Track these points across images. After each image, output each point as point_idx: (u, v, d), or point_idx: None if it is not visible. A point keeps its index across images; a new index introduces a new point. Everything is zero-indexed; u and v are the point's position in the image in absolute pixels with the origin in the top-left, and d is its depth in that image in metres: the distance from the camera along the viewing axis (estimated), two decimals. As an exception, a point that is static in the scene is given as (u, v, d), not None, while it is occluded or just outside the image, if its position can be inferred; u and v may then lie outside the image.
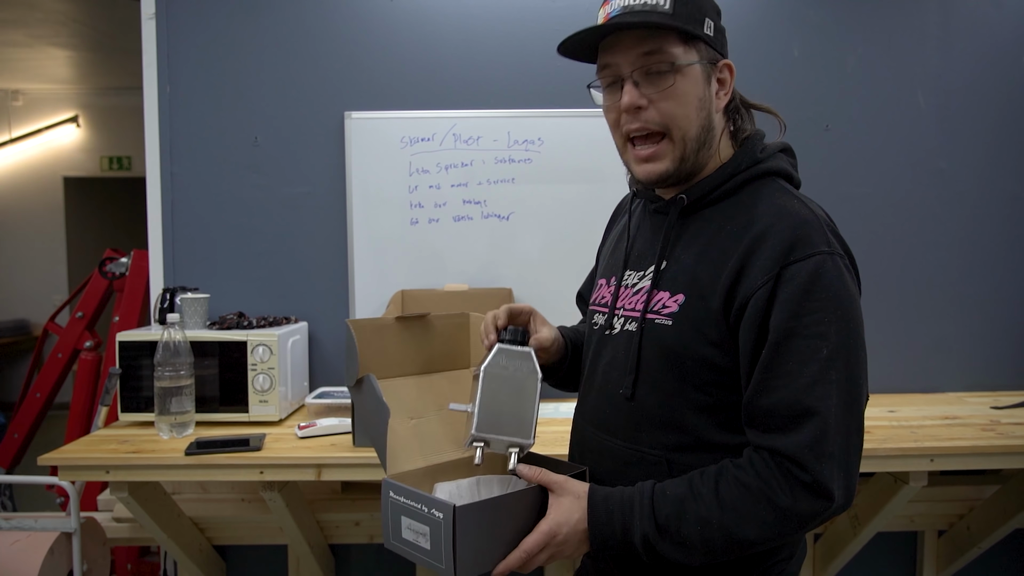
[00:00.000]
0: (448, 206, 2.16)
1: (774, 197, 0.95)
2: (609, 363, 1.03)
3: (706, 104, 0.95)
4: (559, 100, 2.12)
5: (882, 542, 2.18)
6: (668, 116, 0.94)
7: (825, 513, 0.86)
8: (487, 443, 0.94)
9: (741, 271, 0.90)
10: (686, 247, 0.98)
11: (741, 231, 0.92)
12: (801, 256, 0.87)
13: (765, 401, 0.88)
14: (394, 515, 0.93)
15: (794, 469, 0.85)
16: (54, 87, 5.87)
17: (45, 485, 2.55)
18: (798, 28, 2.16)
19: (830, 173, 2.15)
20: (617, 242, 1.14)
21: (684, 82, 0.93)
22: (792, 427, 0.86)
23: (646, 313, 0.98)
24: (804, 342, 0.86)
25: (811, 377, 0.85)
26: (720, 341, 0.92)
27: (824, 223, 0.92)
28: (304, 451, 1.64)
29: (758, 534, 0.87)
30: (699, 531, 0.87)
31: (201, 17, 2.13)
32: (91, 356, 2.68)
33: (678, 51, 0.93)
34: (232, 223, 2.16)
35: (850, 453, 0.87)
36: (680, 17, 0.92)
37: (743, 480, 0.88)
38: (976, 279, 2.21)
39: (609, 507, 0.91)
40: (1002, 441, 1.67)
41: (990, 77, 2.19)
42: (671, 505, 0.89)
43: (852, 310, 0.88)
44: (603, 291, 1.11)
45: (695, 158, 0.97)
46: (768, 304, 0.88)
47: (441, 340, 1.14)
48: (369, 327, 1.06)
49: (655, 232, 1.04)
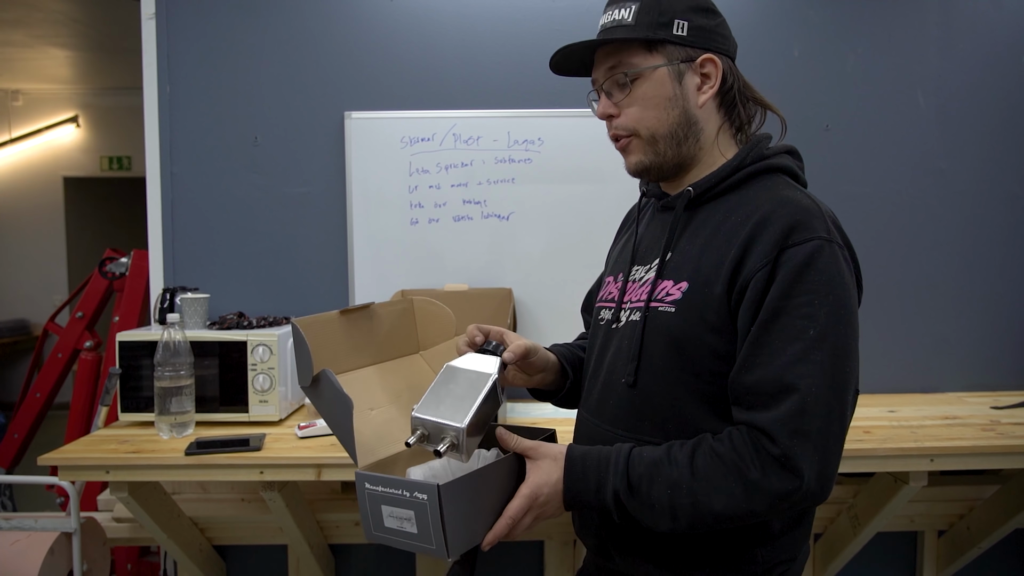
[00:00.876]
0: (448, 206, 2.16)
1: (778, 189, 0.97)
2: (615, 354, 1.05)
3: (678, 102, 1.00)
4: (559, 100, 2.12)
5: (882, 542, 2.18)
6: (634, 120, 1.01)
7: (795, 494, 0.86)
8: (427, 433, 0.94)
9: (743, 256, 0.92)
10: (691, 238, 1.00)
11: (745, 219, 0.94)
12: (799, 240, 0.89)
13: (748, 378, 0.89)
14: (373, 506, 0.93)
15: (765, 442, 0.86)
16: (54, 87, 5.87)
17: (45, 485, 2.55)
18: (798, 28, 2.16)
19: (830, 173, 2.15)
20: (625, 243, 1.17)
21: (647, 86, 1.00)
22: (771, 403, 0.87)
23: (650, 302, 1.00)
24: (792, 321, 0.87)
25: (794, 355, 0.86)
26: (721, 327, 0.93)
27: (826, 214, 0.94)
28: (304, 451, 1.64)
29: (725, 506, 0.87)
30: (669, 495, 0.89)
31: (201, 17, 2.13)
32: (91, 356, 2.68)
33: (639, 59, 0.99)
34: (232, 223, 2.16)
35: (828, 438, 0.87)
36: (641, 27, 0.98)
37: (718, 451, 0.89)
38: (976, 279, 2.21)
39: (586, 464, 0.93)
40: (1002, 441, 1.67)
41: (990, 77, 2.19)
42: (645, 466, 0.91)
43: (844, 297, 0.89)
44: (610, 287, 1.13)
45: (676, 151, 1.02)
46: (766, 286, 0.89)
47: (387, 328, 1.15)
48: (316, 324, 1.06)
49: (662, 227, 1.06)
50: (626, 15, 0.99)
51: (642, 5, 0.99)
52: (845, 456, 1.61)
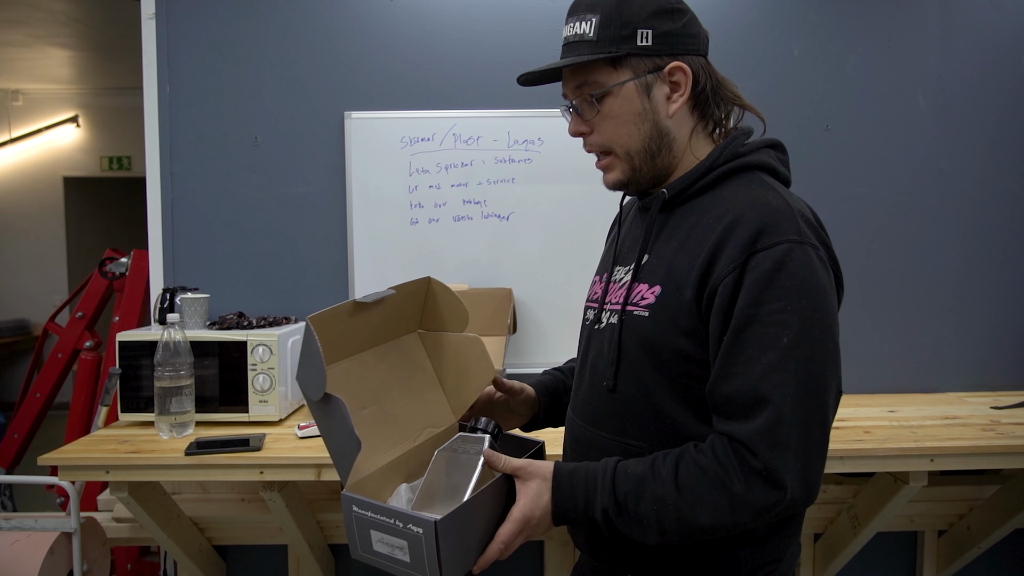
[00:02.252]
0: (448, 206, 2.16)
1: (750, 188, 0.95)
2: (596, 356, 1.05)
3: (648, 116, 0.98)
4: (559, 100, 2.11)
5: (882, 542, 2.18)
6: (607, 137, 1.01)
7: (779, 505, 0.85)
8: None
9: (712, 261, 0.90)
10: (666, 240, 0.99)
11: (715, 222, 0.93)
12: (768, 244, 0.87)
13: (724, 388, 0.88)
14: (361, 528, 0.90)
15: (746, 455, 0.85)
16: (54, 87, 5.87)
17: (45, 485, 2.55)
18: (798, 28, 2.16)
19: (830, 173, 2.15)
20: (611, 242, 1.17)
21: (615, 103, 0.98)
22: (749, 415, 0.85)
23: (626, 305, 0.99)
24: (764, 329, 0.86)
25: (768, 365, 0.85)
26: (693, 331, 0.92)
27: (798, 213, 0.90)
28: (304, 451, 1.64)
29: (710, 519, 0.86)
30: (655, 511, 0.88)
31: (201, 17, 2.13)
32: (91, 356, 2.68)
33: (605, 77, 0.98)
34: (232, 223, 2.16)
35: (809, 444, 0.86)
36: (603, 42, 0.96)
37: (701, 464, 0.88)
38: (976, 279, 2.21)
39: (573, 482, 0.93)
40: (1002, 441, 1.67)
41: (990, 77, 2.19)
42: (631, 483, 0.90)
43: (819, 300, 0.87)
44: (596, 287, 1.13)
45: (651, 165, 1.00)
46: (734, 292, 0.88)
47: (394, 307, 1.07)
48: (328, 320, 0.97)
49: (641, 228, 1.06)
50: (587, 29, 0.97)
51: (602, 18, 0.96)
52: (845, 456, 1.63)
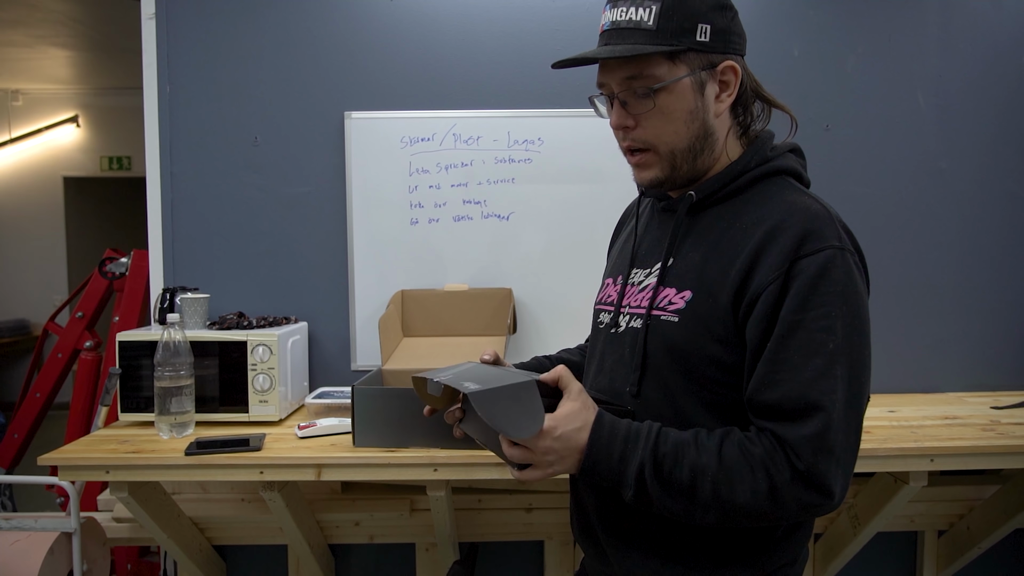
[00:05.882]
0: (448, 206, 2.16)
1: (785, 194, 0.94)
2: (616, 361, 1.03)
3: (699, 114, 0.95)
4: (559, 100, 2.12)
5: (882, 542, 2.18)
6: (653, 135, 0.96)
7: (822, 508, 0.86)
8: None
9: (752, 267, 0.89)
10: (694, 244, 0.97)
11: (752, 227, 0.92)
12: (812, 250, 0.87)
13: (770, 396, 0.87)
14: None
15: (791, 456, 0.85)
16: (54, 87, 5.87)
17: (45, 485, 2.55)
18: (798, 28, 2.16)
19: (830, 173, 2.15)
20: (624, 243, 1.14)
21: (669, 99, 0.93)
22: (797, 419, 0.85)
23: (651, 310, 0.98)
24: (810, 335, 0.85)
25: (816, 371, 0.85)
26: (727, 338, 0.91)
27: (836, 219, 0.91)
28: (304, 451, 1.64)
29: (748, 500, 0.85)
30: (691, 478, 0.86)
31: (201, 17, 2.13)
32: (91, 356, 2.68)
33: (662, 70, 0.92)
34: (232, 223, 2.16)
35: (848, 451, 0.86)
36: (664, 33, 0.90)
37: (747, 446, 0.87)
38: (976, 279, 2.21)
39: (614, 430, 0.90)
40: (1002, 441, 1.67)
41: (990, 77, 2.19)
42: (672, 446, 0.88)
43: (859, 307, 0.88)
44: (609, 290, 1.11)
45: (691, 165, 0.97)
46: (779, 299, 0.87)
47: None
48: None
49: (663, 230, 1.03)
50: (645, 16, 0.90)
51: (664, 6, 0.90)
52: (845, 456, 1.62)
